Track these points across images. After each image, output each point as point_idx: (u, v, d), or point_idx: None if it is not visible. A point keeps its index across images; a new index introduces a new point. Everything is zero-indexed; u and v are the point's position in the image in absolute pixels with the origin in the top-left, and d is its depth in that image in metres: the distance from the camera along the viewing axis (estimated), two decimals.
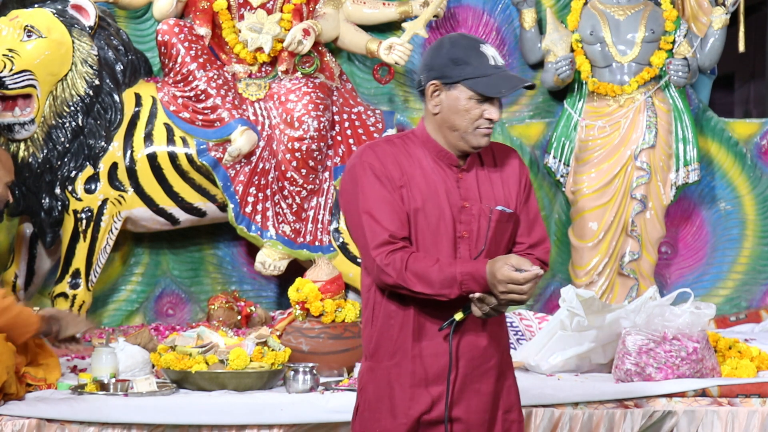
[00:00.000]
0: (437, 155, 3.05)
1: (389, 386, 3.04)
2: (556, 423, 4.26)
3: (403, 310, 3.02)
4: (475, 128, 3.01)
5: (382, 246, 2.95)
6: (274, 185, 5.63)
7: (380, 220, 2.97)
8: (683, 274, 6.45)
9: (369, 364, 3.09)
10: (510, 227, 3.08)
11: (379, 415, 3.05)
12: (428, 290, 2.93)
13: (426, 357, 3.02)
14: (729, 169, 6.43)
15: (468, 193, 3.04)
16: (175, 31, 5.57)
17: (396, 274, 2.93)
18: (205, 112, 5.54)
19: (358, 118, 5.84)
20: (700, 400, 4.38)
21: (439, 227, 3.00)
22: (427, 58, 3.06)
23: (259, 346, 4.42)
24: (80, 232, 5.49)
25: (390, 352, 3.04)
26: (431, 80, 3.02)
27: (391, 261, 2.94)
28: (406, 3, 6.07)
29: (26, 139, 5.44)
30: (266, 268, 5.63)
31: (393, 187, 2.99)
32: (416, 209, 3.00)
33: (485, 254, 3.01)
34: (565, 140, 6.15)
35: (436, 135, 3.06)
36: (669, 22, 6.11)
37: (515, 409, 3.15)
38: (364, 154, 3.03)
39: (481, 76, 2.98)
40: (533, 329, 5.13)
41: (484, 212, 3.03)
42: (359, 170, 3.01)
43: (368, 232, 2.97)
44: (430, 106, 3.04)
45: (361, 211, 2.99)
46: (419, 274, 2.92)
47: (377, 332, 3.05)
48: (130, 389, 4.26)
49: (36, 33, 5.36)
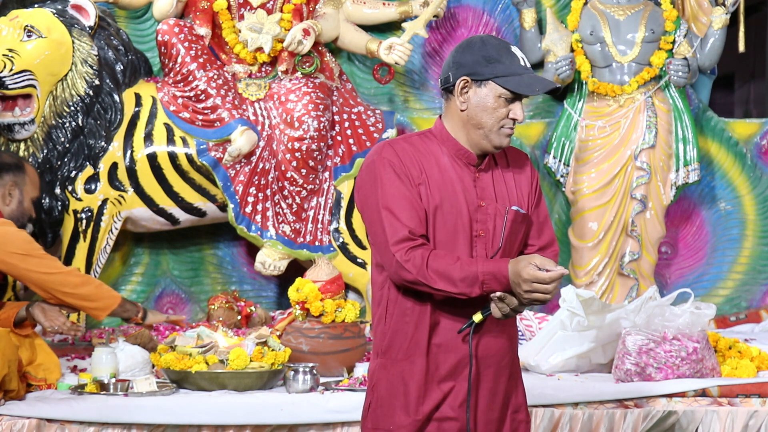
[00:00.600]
0: (456, 153, 3.07)
1: (403, 383, 3.05)
2: (556, 423, 4.26)
3: (419, 307, 3.03)
4: (500, 127, 3.03)
5: (402, 242, 2.96)
6: (274, 185, 5.63)
7: (400, 216, 2.97)
8: (683, 274, 6.45)
9: (381, 361, 3.09)
10: (524, 228, 3.10)
11: (392, 411, 3.06)
12: (450, 288, 2.94)
13: (440, 354, 3.04)
14: (729, 169, 6.43)
15: (484, 193, 3.06)
16: (175, 31, 5.57)
17: (416, 271, 2.94)
18: (205, 112, 5.54)
19: (358, 118, 5.84)
20: (700, 400, 4.38)
21: (456, 225, 3.02)
22: (456, 55, 3.07)
23: (259, 346, 4.42)
24: (80, 232, 5.50)
25: (404, 349, 3.05)
26: (461, 76, 3.03)
27: (411, 257, 2.95)
28: (406, 3, 6.07)
29: (26, 139, 5.44)
30: (266, 268, 5.63)
31: (412, 184, 3.00)
32: (434, 207, 3.01)
33: (501, 254, 3.03)
34: (565, 140, 6.15)
35: (457, 133, 3.07)
36: (669, 22, 6.11)
37: (523, 409, 3.17)
38: (384, 151, 3.04)
39: (512, 74, 3.01)
40: (533, 329, 5.13)
41: (500, 212, 3.05)
42: (379, 166, 3.02)
43: (388, 228, 2.98)
44: (458, 103, 3.04)
45: (381, 207, 3.00)
46: (440, 271, 2.93)
47: (391, 329, 3.06)
48: (130, 389, 4.26)
49: (36, 33, 5.36)
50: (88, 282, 4.57)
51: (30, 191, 4.72)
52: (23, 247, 4.38)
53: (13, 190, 4.63)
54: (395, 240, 2.97)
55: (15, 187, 4.63)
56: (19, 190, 4.65)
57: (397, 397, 3.05)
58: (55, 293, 4.44)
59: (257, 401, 4.19)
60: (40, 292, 4.47)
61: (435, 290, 2.95)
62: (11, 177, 4.64)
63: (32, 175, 4.77)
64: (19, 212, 4.65)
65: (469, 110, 3.04)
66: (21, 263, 4.36)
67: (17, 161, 4.77)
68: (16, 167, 4.68)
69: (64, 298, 4.45)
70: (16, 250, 4.35)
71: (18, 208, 4.65)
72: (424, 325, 3.03)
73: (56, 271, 4.44)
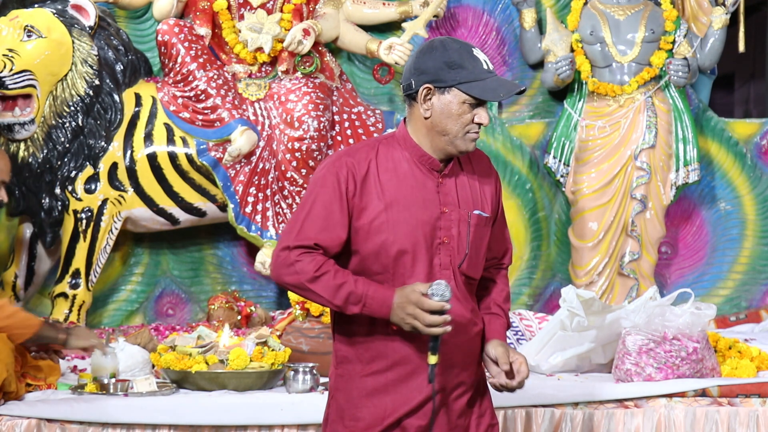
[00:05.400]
0: (419, 159, 3.03)
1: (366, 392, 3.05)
2: (557, 423, 4.26)
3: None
4: (465, 133, 2.99)
5: (301, 248, 2.94)
6: (274, 185, 5.64)
7: (313, 227, 2.95)
8: (683, 274, 6.45)
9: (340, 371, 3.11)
10: (488, 232, 3.09)
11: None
12: (328, 296, 2.94)
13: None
14: (729, 169, 6.43)
15: (447, 199, 3.03)
16: (175, 31, 5.57)
17: (301, 275, 2.94)
18: (205, 112, 5.55)
19: (358, 118, 5.84)
20: (700, 400, 4.38)
21: (416, 234, 2.98)
22: (417, 61, 3.01)
23: (259, 346, 4.42)
24: (80, 232, 5.50)
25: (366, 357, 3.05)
26: (424, 84, 2.98)
27: (302, 259, 2.93)
28: (406, 3, 6.07)
29: (26, 139, 5.44)
30: (266, 268, 5.63)
31: (348, 205, 2.96)
32: (389, 219, 2.97)
33: (468, 260, 3.02)
34: (565, 140, 6.15)
35: (420, 139, 3.03)
36: (669, 22, 6.11)
37: (488, 413, 3.15)
38: (338, 162, 2.99)
39: (476, 80, 2.96)
40: (533, 329, 5.13)
41: (464, 217, 3.02)
42: (327, 175, 2.98)
43: (297, 231, 2.96)
44: (421, 110, 3.00)
45: (306, 209, 2.97)
46: (328, 282, 2.94)
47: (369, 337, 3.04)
48: (130, 389, 4.26)
49: (36, 33, 5.36)
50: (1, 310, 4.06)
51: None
52: None
53: None
54: (296, 244, 2.94)
55: None
56: None
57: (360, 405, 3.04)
58: None
59: (257, 401, 4.19)
60: None
61: (313, 294, 2.94)
62: None
63: (0, 160, 4.46)
64: None
65: (433, 117, 2.99)
66: None
67: None
68: None
69: None
70: None
71: None
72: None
73: None
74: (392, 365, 3.00)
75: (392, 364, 3.00)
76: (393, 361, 3.00)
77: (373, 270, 2.99)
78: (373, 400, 3.01)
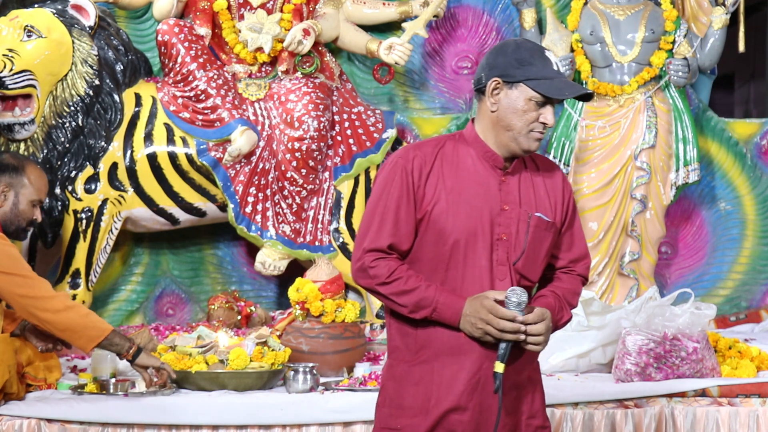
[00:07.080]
0: (483, 156, 3.07)
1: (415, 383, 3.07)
2: (557, 423, 4.26)
3: None
4: (529, 131, 3.03)
5: (376, 252, 3.01)
6: (274, 185, 5.63)
7: (386, 227, 3.01)
8: (683, 274, 6.45)
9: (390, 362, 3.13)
10: (549, 237, 3.10)
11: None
12: (399, 299, 3.00)
13: None
14: (729, 169, 6.43)
15: (509, 197, 3.06)
16: (175, 31, 5.57)
17: (375, 280, 3.01)
18: (205, 112, 5.54)
19: (358, 118, 5.84)
20: (700, 400, 4.38)
21: (476, 229, 3.02)
22: (490, 57, 3.08)
23: (259, 346, 4.42)
24: (80, 232, 5.49)
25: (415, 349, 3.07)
26: (493, 77, 3.03)
27: (377, 265, 3.00)
28: (406, 3, 6.07)
29: (26, 139, 5.44)
30: (266, 268, 5.63)
31: (417, 198, 3.02)
32: (454, 211, 3.01)
33: (524, 259, 3.04)
34: (565, 140, 6.15)
35: (486, 135, 3.08)
36: (669, 22, 6.11)
37: (539, 415, 3.14)
38: (406, 155, 3.05)
39: (544, 78, 3.01)
40: None
41: (523, 217, 3.05)
42: (395, 170, 3.04)
43: (372, 233, 3.02)
44: (489, 104, 3.05)
45: (377, 209, 3.03)
46: (399, 287, 3.00)
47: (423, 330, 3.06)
48: (130, 389, 4.26)
49: (36, 33, 5.36)
50: (73, 309, 4.14)
51: (28, 194, 4.57)
52: (7, 264, 4.10)
53: (7, 191, 4.53)
54: (370, 247, 3.01)
55: (9, 189, 4.52)
56: (14, 192, 4.52)
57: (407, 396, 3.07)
58: (35, 318, 4.13)
59: (257, 401, 4.20)
60: (25, 315, 4.17)
61: (384, 297, 3.01)
62: (6, 178, 4.53)
63: (34, 178, 4.58)
64: (12, 215, 4.51)
65: (500, 111, 3.04)
66: (3, 282, 4.07)
67: (17, 163, 4.63)
68: (13, 168, 4.58)
69: (44, 325, 4.14)
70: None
71: (12, 211, 4.51)
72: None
73: (41, 294, 4.10)
74: (438, 355, 3.02)
75: (438, 353, 3.02)
76: (439, 350, 3.02)
77: (428, 257, 3.03)
78: (418, 389, 3.04)
